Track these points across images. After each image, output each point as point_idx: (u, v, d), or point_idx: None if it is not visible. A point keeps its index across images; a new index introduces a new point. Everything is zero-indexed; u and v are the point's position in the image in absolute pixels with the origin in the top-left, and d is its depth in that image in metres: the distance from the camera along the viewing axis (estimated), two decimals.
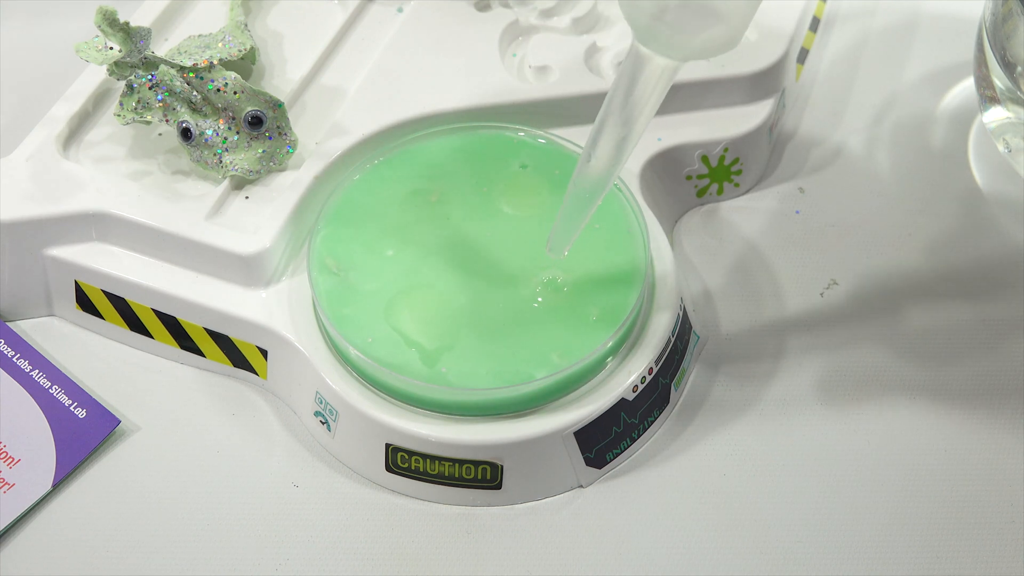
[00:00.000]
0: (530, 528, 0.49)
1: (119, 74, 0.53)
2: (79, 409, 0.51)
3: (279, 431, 0.51)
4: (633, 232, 0.52)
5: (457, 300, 0.50)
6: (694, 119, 0.57)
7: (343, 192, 0.53)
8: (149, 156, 0.54)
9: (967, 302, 0.55)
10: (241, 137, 0.53)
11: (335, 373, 0.50)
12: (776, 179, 0.59)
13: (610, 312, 0.49)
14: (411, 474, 0.49)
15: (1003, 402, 0.52)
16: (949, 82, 0.62)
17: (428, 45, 0.58)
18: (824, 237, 0.57)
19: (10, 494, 0.49)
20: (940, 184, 0.58)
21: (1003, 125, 0.57)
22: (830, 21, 0.65)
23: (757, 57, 0.57)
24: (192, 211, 0.52)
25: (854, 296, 0.55)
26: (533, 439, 0.48)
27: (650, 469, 0.50)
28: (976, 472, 0.50)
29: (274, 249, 0.52)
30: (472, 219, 0.52)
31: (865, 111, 0.61)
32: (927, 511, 0.49)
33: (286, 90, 0.56)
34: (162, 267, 0.52)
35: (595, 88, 0.56)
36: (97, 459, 0.51)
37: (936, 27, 0.64)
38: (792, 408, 0.52)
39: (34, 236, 0.52)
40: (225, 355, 0.52)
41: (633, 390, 0.50)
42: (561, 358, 0.48)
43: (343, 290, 0.50)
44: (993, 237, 0.57)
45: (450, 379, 0.48)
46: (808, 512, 0.49)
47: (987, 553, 0.48)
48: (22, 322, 0.54)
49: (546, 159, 0.54)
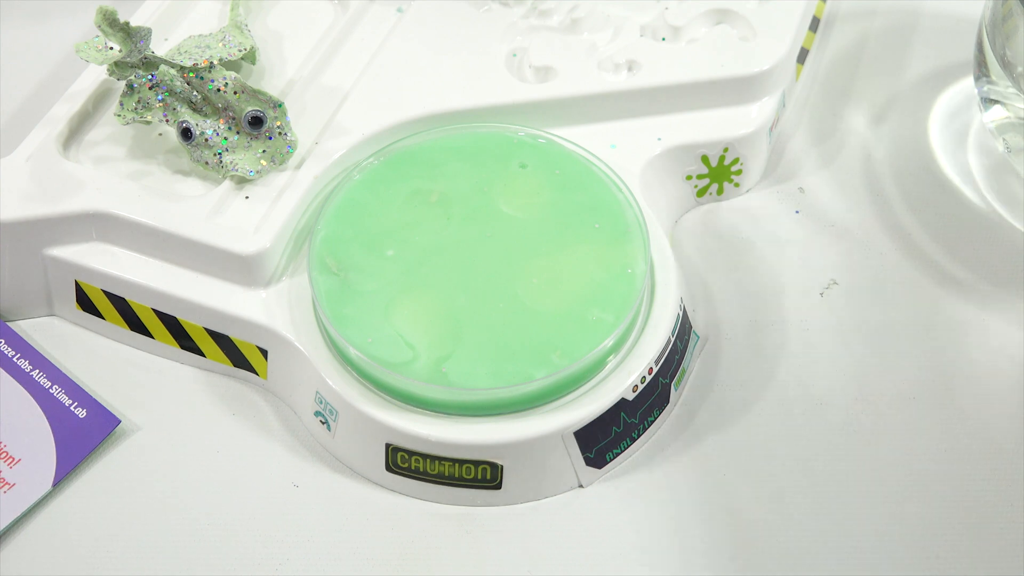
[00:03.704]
0: (530, 528, 0.49)
1: (119, 74, 0.53)
2: (79, 409, 0.51)
3: (279, 431, 0.51)
4: (633, 232, 0.52)
5: (457, 300, 0.50)
6: (694, 119, 0.57)
7: (343, 192, 0.53)
8: (149, 156, 0.54)
9: (967, 302, 0.55)
10: (241, 137, 0.53)
11: (335, 373, 0.50)
12: (776, 179, 0.59)
13: (610, 312, 0.50)
14: (411, 474, 0.49)
15: (1003, 402, 0.52)
16: (949, 82, 0.62)
17: (428, 45, 0.58)
18: (824, 237, 0.57)
19: (10, 494, 0.49)
20: (940, 184, 0.58)
21: (1003, 125, 0.57)
22: (830, 21, 0.65)
23: (757, 57, 0.57)
24: (192, 211, 0.52)
25: (854, 296, 0.55)
26: (533, 439, 0.48)
27: (650, 469, 0.50)
28: (976, 472, 0.50)
29: (274, 249, 0.52)
30: (472, 219, 0.52)
31: (865, 111, 0.61)
32: (927, 511, 0.49)
33: (286, 90, 0.56)
34: (162, 267, 0.52)
35: (595, 88, 0.56)
36: (97, 459, 0.51)
37: (936, 27, 0.64)
38: (792, 408, 0.52)
39: (34, 236, 0.52)
40: (225, 355, 0.52)
41: (633, 390, 0.50)
42: (561, 358, 0.48)
43: (343, 290, 0.50)
44: (993, 237, 0.57)
45: (450, 379, 0.48)
46: (808, 512, 0.49)
47: (987, 553, 0.48)
48: (22, 322, 0.54)
49: (546, 159, 0.54)
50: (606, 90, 0.56)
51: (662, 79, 0.56)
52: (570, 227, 0.52)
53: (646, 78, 0.56)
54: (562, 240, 0.51)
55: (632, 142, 0.56)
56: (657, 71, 0.57)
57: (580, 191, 0.53)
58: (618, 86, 0.56)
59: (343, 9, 0.60)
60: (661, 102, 0.56)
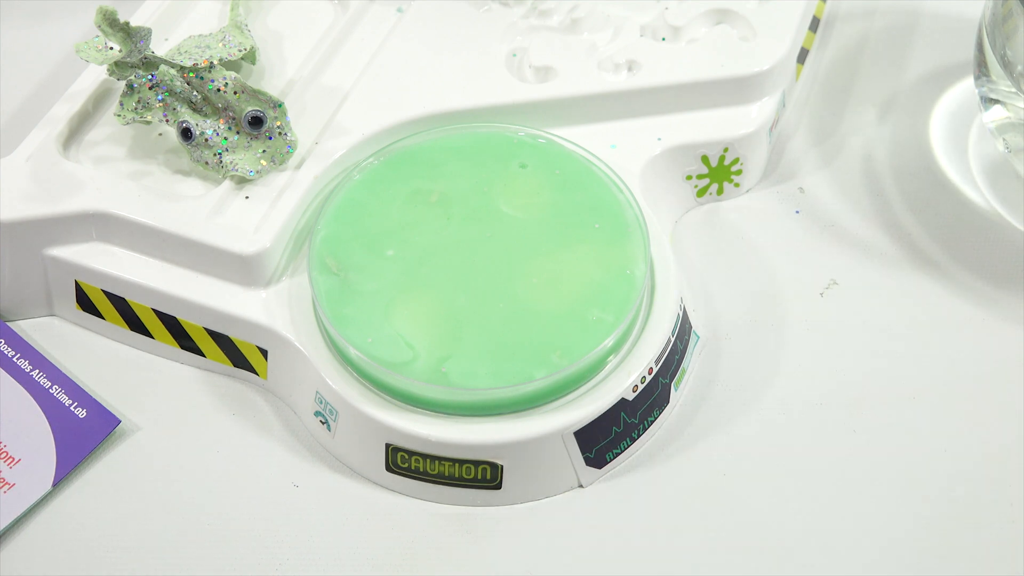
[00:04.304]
0: (530, 528, 0.49)
1: (119, 74, 0.53)
2: (79, 409, 0.51)
3: (279, 431, 0.51)
4: (633, 232, 0.52)
5: (457, 300, 0.50)
6: (694, 119, 0.57)
7: (343, 192, 0.53)
8: (149, 156, 0.54)
9: (967, 302, 0.55)
10: (241, 137, 0.53)
11: (335, 373, 0.50)
12: (776, 179, 0.59)
13: (610, 312, 0.50)
14: (411, 474, 0.49)
15: (1003, 402, 0.52)
16: (949, 82, 0.62)
17: (428, 45, 0.58)
18: (824, 237, 0.57)
19: (10, 494, 0.49)
20: (940, 184, 0.58)
21: (1003, 125, 0.57)
22: (830, 21, 0.65)
23: (757, 57, 0.57)
24: (192, 211, 0.52)
25: (854, 296, 0.55)
26: (533, 439, 0.48)
27: (650, 469, 0.50)
28: (976, 472, 0.50)
29: (274, 249, 0.52)
30: (472, 219, 0.52)
31: (865, 111, 0.61)
32: (927, 511, 0.49)
33: (286, 90, 0.56)
34: (162, 267, 0.52)
35: (595, 88, 0.56)
36: (97, 459, 0.51)
37: (936, 27, 0.64)
38: (792, 408, 0.52)
39: (34, 236, 0.52)
40: (225, 355, 0.52)
41: (633, 390, 0.50)
42: (561, 358, 0.48)
43: (343, 290, 0.50)
44: (993, 237, 0.57)
45: (450, 379, 0.48)
46: (808, 512, 0.49)
47: (987, 553, 0.48)
48: (22, 322, 0.54)
49: (546, 159, 0.54)
50: (606, 90, 0.56)
51: (662, 79, 0.56)
52: (570, 227, 0.52)
53: (646, 78, 0.56)
54: (562, 240, 0.51)
55: (632, 142, 0.56)
56: (657, 71, 0.57)
57: (580, 191, 0.53)
58: (618, 86, 0.56)
59: (343, 9, 0.60)
60: (661, 102, 0.56)
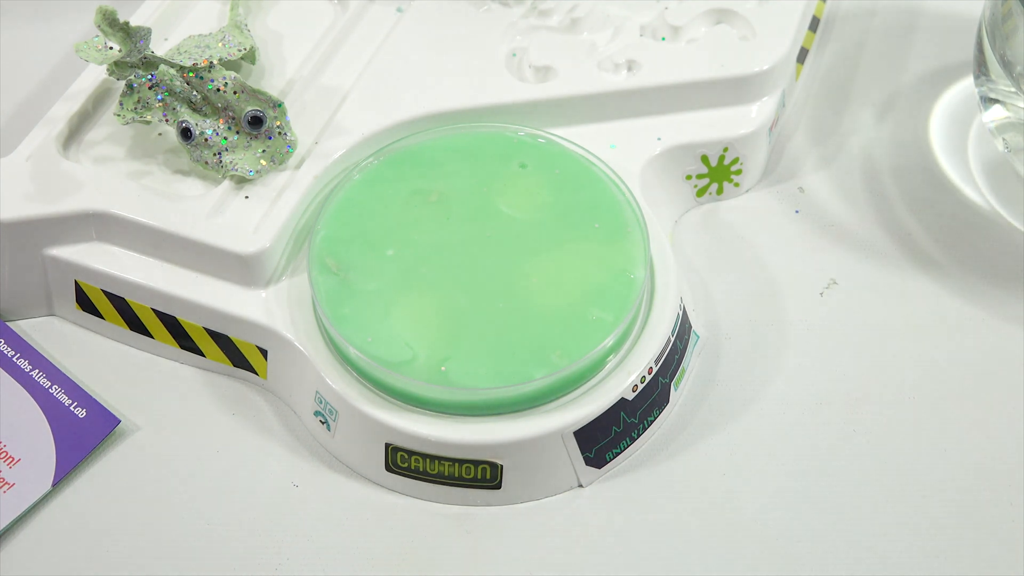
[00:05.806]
0: (530, 528, 0.49)
1: (119, 74, 0.53)
2: (79, 409, 0.51)
3: (279, 431, 0.51)
4: (633, 232, 0.52)
5: (457, 300, 0.50)
6: (694, 119, 0.57)
7: (343, 192, 0.53)
8: (149, 156, 0.54)
9: (967, 302, 0.55)
10: (241, 137, 0.53)
11: (335, 373, 0.50)
12: (776, 179, 0.59)
13: (610, 312, 0.50)
14: (411, 474, 0.49)
15: (1003, 402, 0.52)
16: (949, 82, 0.62)
17: (428, 45, 0.58)
18: (824, 237, 0.57)
19: (10, 494, 0.49)
20: (940, 184, 0.58)
21: (1003, 125, 0.57)
22: (830, 21, 0.65)
23: (757, 57, 0.57)
24: (192, 211, 0.52)
25: (854, 296, 0.55)
26: (533, 439, 0.48)
27: (650, 469, 0.50)
28: (976, 472, 0.50)
29: (274, 249, 0.52)
30: (472, 219, 0.52)
31: (865, 111, 0.61)
32: (927, 511, 0.49)
33: (286, 90, 0.56)
34: (162, 267, 0.52)
35: (595, 88, 0.56)
36: (97, 459, 0.51)
37: (936, 27, 0.64)
38: (792, 408, 0.52)
39: (34, 236, 0.52)
40: (225, 355, 0.52)
41: (633, 390, 0.50)
42: (561, 358, 0.48)
43: (343, 290, 0.50)
44: (993, 237, 0.57)
45: (450, 379, 0.48)
46: (808, 512, 0.49)
47: (987, 553, 0.48)
48: (22, 322, 0.54)
49: (546, 159, 0.54)
50: (606, 90, 0.56)
51: (662, 79, 0.56)
52: (570, 227, 0.52)
53: (646, 78, 0.56)
54: (562, 240, 0.51)
55: (632, 142, 0.56)
56: (657, 71, 0.57)
57: (580, 191, 0.53)
58: (618, 86, 0.56)
59: (343, 9, 0.60)
60: (661, 102, 0.57)
